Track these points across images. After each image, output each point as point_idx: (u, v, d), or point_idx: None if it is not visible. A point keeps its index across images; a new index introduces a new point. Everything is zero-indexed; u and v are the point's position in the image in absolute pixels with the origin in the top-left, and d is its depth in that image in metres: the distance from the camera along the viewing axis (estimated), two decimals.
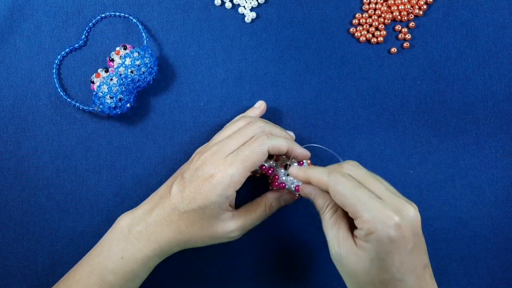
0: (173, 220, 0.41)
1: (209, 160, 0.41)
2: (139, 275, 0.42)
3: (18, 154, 0.51)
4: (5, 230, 0.50)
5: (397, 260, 0.33)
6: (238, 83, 0.52)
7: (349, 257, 0.35)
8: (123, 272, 0.41)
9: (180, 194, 0.41)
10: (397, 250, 0.33)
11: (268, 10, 0.53)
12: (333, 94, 0.52)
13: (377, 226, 0.33)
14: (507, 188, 0.50)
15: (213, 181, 0.40)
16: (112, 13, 0.53)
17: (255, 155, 0.40)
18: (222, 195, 0.40)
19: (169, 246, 0.42)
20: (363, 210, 0.34)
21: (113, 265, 0.41)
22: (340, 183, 0.36)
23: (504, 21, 0.53)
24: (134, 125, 0.51)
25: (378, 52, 0.52)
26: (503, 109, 0.51)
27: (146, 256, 0.41)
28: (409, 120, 0.51)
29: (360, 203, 0.34)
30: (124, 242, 0.42)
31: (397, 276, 0.34)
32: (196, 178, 0.41)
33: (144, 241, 0.41)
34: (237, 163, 0.40)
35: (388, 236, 0.33)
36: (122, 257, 0.41)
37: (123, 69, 0.48)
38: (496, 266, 0.49)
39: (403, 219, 0.33)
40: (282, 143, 0.42)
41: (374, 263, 0.34)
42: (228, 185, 0.40)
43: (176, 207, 0.41)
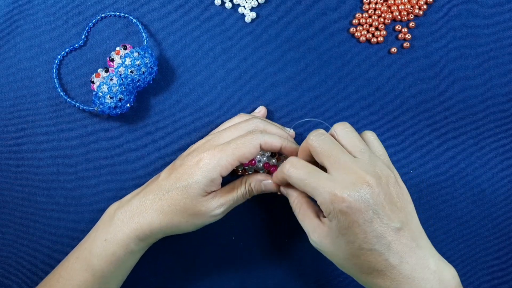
0: (156, 200, 0.42)
1: (200, 148, 0.42)
2: (122, 260, 0.42)
3: (18, 154, 0.51)
4: (5, 230, 0.50)
5: (358, 232, 0.34)
6: (238, 83, 0.52)
7: (323, 241, 0.37)
8: (105, 255, 0.41)
9: (166, 177, 0.42)
10: (355, 222, 0.34)
11: (268, 10, 0.53)
12: (333, 94, 0.52)
13: (329, 206, 0.35)
14: (507, 188, 0.50)
15: (201, 163, 0.40)
16: (112, 13, 0.53)
17: (247, 146, 0.41)
18: (207, 176, 0.40)
19: (149, 227, 0.41)
20: (316, 194, 0.36)
21: (96, 248, 0.42)
22: (291, 175, 0.38)
23: (504, 21, 0.53)
24: (134, 125, 0.51)
25: (378, 52, 0.52)
26: (503, 109, 0.51)
27: (127, 237, 0.41)
28: (409, 120, 0.51)
29: (313, 188, 0.37)
30: (108, 225, 0.42)
31: (365, 247, 0.35)
32: (184, 162, 0.41)
33: (126, 221, 0.42)
34: (227, 149, 0.40)
35: (341, 211, 0.35)
36: (105, 239, 0.42)
37: (123, 69, 0.48)
38: (496, 266, 0.49)
39: (350, 192, 0.34)
40: (275, 139, 0.42)
41: (341, 240, 0.35)
42: (214, 167, 0.40)
43: (161, 187, 0.42)
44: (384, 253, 0.34)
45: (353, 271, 0.37)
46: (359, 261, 0.35)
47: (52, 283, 0.43)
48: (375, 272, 0.35)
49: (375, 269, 0.35)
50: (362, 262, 0.35)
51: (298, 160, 0.39)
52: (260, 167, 0.46)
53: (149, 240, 0.43)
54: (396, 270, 0.34)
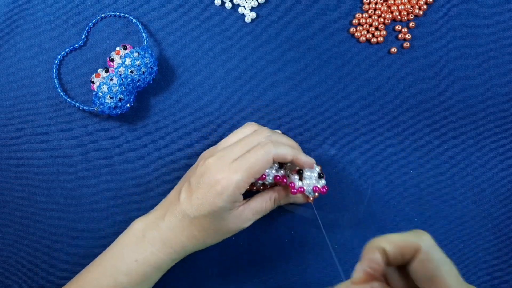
0: (185, 226, 0.42)
1: (213, 166, 0.41)
2: (151, 278, 0.43)
3: (18, 154, 0.51)
4: (5, 230, 0.50)
5: None
6: (238, 83, 0.52)
7: None
8: (136, 274, 0.42)
9: (188, 201, 0.42)
10: None
11: (268, 10, 0.53)
12: (333, 94, 0.52)
13: None
14: (507, 188, 0.50)
15: (218, 188, 0.40)
16: (112, 13, 0.53)
17: (260, 162, 0.41)
18: (229, 201, 0.41)
19: (183, 250, 0.43)
20: None
21: (126, 266, 0.42)
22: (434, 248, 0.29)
23: (504, 21, 0.53)
24: (134, 125, 0.51)
25: (378, 52, 0.52)
26: (503, 109, 0.51)
27: (160, 259, 0.42)
28: (409, 120, 0.51)
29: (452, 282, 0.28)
30: (137, 245, 0.42)
31: None
32: (202, 184, 0.41)
33: (158, 246, 0.42)
34: (242, 170, 0.40)
35: None
36: (136, 260, 0.42)
37: (123, 69, 0.48)
38: (496, 266, 0.49)
39: None
40: (287, 151, 0.42)
41: None
42: (233, 191, 0.40)
43: (186, 213, 0.42)
44: None
45: None
46: None
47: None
48: None
49: None
50: None
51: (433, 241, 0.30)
52: (270, 181, 0.45)
53: (181, 258, 0.44)
54: None
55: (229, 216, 0.42)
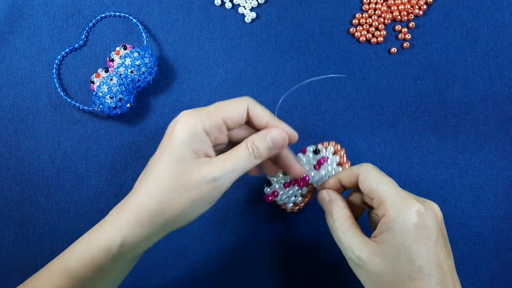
0: (142, 183, 0.35)
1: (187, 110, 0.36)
2: (105, 267, 0.35)
3: (18, 154, 0.51)
4: (5, 230, 0.50)
5: (422, 250, 0.32)
6: (238, 83, 0.52)
7: (372, 257, 0.34)
8: (85, 258, 0.35)
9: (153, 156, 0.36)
10: (421, 239, 0.33)
11: (268, 10, 0.53)
12: (333, 94, 0.52)
13: (401, 211, 0.33)
14: (507, 188, 0.50)
15: (178, 124, 0.35)
16: (112, 13, 0.53)
17: (232, 104, 0.36)
18: (188, 132, 0.34)
19: (138, 219, 0.34)
20: (389, 195, 0.34)
21: (77, 249, 0.36)
22: (370, 170, 0.37)
23: (504, 21, 0.53)
24: (134, 125, 0.51)
25: (378, 52, 0.52)
26: (503, 109, 0.51)
27: (110, 238, 0.34)
28: (409, 120, 0.51)
29: (387, 190, 0.35)
30: (99, 224, 0.36)
31: (424, 270, 0.32)
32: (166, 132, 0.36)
33: (113, 219, 0.35)
34: (209, 107, 0.36)
35: (412, 222, 0.33)
36: (88, 239, 0.36)
37: (123, 69, 0.48)
38: (496, 266, 0.49)
39: (426, 208, 0.34)
40: (264, 111, 0.37)
41: (400, 255, 0.33)
42: (195, 121, 0.34)
43: (148, 164, 0.36)
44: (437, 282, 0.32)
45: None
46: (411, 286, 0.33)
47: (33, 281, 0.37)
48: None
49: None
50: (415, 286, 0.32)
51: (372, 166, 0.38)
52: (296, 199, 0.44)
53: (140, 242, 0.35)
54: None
55: (191, 161, 0.34)
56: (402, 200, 0.34)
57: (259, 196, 0.49)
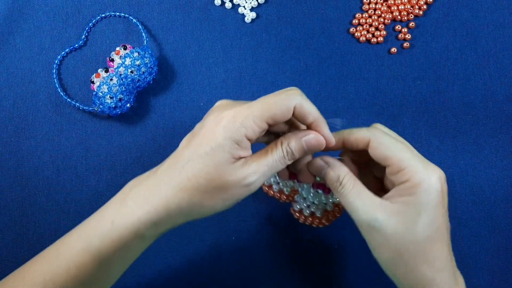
0: (175, 174, 0.34)
1: (223, 105, 0.35)
2: (129, 246, 0.35)
3: (18, 154, 0.51)
4: (5, 230, 0.50)
5: (440, 214, 0.33)
6: (238, 83, 0.52)
7: (390, 218, 0.33)
8: (110, 238, 0.35)
9: (186, 146, 0.35)
10: (441, 204, 0.33)
11: (268, 10, 0.53)
12: (333, 94, 0.52)
13: (425, 178, 0.33)
14: (507, 188, 0.50)
15: (222, 123, 0.33)
16: (112, 13, 0.53)
17: (278, 104, 0.34)
18: (231, 138, 0.33)
19: (166, 209, 0.34)
20: (409, 160, 0.33)
21: (101, 229, 0.35)
22: (382, 135, 0.35)
23: (504, 21, 0.53)
24: (134, 125, 0.51)
25: (378, 52, 0.52)
26: (503, 109, 0.51)
27: (138, 220, 0.34)
28: (409, 120, 0.51)
29: (407, 157, 0.34)
30: (120, 204, 0.36)
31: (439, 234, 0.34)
32: (205, 124, 0.35)
33: (139, 202, 0.35)
34: (253, 107, 0.34)
35: (435, 188, 0.33)
36: (112, 221, 0.35)
37: (123, 69, 0.48)
38: (496, 266, 0.49)
39: (442, 174, 0.34)
40: (312, 108, 0.35)
41: (422, 217, 0.33)
42: (239, 127, 0.33)
43: (179, 158, 0.35)
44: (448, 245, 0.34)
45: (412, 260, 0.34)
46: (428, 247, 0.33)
47: (51, 258, 0.37)
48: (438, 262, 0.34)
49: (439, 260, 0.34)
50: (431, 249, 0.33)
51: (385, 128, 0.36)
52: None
53: (165, 225, 0.35)
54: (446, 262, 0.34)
55: (227, 164, 0.34)
56: (425, 167, 0.33)
57: (260, 195, 0.49)
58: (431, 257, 0.33)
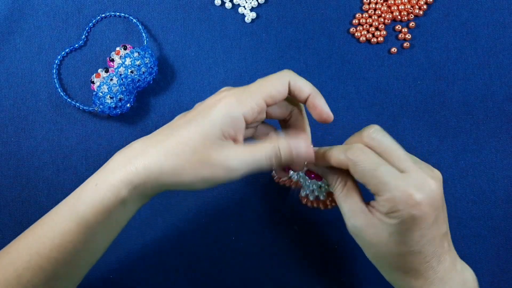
0: (162, 139, 0.34)
1: (224, 89, 0.36)
2: (111, 210, 0.35)
3: (18, 154, 0.51)
4: (5, 230, 0.50)
5: (417, 235, 0.33)
6: (238, 83, 0.52)
7: (367, 229, 0.35)
8: (93, 202, 0.34)
9: (181, 117, 0.36)
10: (418, 226, 0.33)
11: (268, 10, 0.53)
12: (333, 94, 0.52)
13: (399, 206, 0.33)
14: (507, 188, 0.50)
15: (220, 103, 0.34)
16: (112, 13, 0.53)
17: (274, 83, 0.35)
18: (226, 116, 0.34)
19: (147, 170, 0.34)
20: (384, 190, 0.34)
21: (86, 193, 0.35)
22: (358, 162, 0.35)
23: (504, 21, 0.53)
24: (134, 125, 0.51)
25: (378, 52, 0.53)
26: (503, 109, 0.51)
27: (119, 180, 0.34)
28: (409, 120, 0.51)
29: (381, 183, 0.34)
30: (105, 168, 0.35)
31: (415, 249, 0.34)
32: (204, 102, 0.36)
33: (122, 164, 0.35)
34: (251, 88, 0.35)
35: (410, 216, 0.33)
36: (96, 184, 0.35)
37: (123, 69, 0.48)
38: (496, 266, 0.49)
39: (424, 195, 0.33)
40: (306, 84, 0.37)
41: (393, 237, 0.34)
42: (236, 105, 0.34)
43: (171, 126, 0.35)
44: (428, 256, 0.34)
45: (387, 267, 0.37)
46: (401, 260, 0.35)
47: (37, 228, 0.36)
48: (413, 271, 0.35)
49: (414, 269, 0.35)
50: (405, 261, 0.35)
51: (366, 148, 0.36)
52: None
53: (145, 191, 0.35)
54: (433, 271, 0.35)
55: (217, 140, 0.34)
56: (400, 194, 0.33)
57: (260, 195, 0.49)
58: (406, 268, 0.35)
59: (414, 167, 0.34)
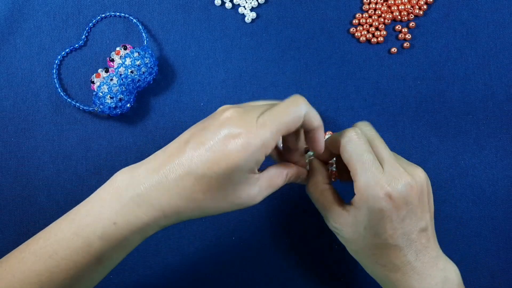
0: (186, 186, 0.33)
1: (236, 117, 0.34)
2: (132, 243, 0.36)
3: (18, 154, 0.51)
4: (5, 230, 0.50)
5: (388, 228, 0.35)
6: (238, 83, 0.52)
7: (345, 228, 0.37)
8: (114, 239, 0.35)
9: (197, 153, 0.33)
10: (388, 218, 0.35)
11: (268, 10, 0.53)
12: (333, 94, 0.52)
13: (368, 196, 0.35)
14: (507, 188, 0.50)
15: (241, 141, 0.33)
16: (112, 13, 0.53)
17: (291, 116, 0.34)
18: (252, 160, 0.33)
19: (176, 214, 0.35)
20: (361, 175, 0.36)
21: (102, 230, 0.34)
22: (351, 142, 0.37)
23: (504, 21, 0.53)
24: (134, 125, 0.51)
25: (378, 52, 0.53)
26: (503, 109, 0.51)
27: (145, 224, 0.35)
28: (409, 120, 0.51)
29: (361, 168, 0.36)
30: (119, 205, 0.35)
31: (390, 242, 0.35)
32: (219, 134, 0.33)
33: (145, 207, 0.34)
34: (270, 123, 0.33)
35: (378, 207, 0.35)
36: (115, 222, 0.34)
37: (123, 69, 0.48)
38: (496, 266, 0.49)
39: (394, 189, 0.34)
40: (317, 116, 0.36)
41: (367, 231, 0.36)
42: (260, 149, 0.33)
43: (191, 169, 0.33)
44: (404, 250, 0.36)
45: (366, 260, 0.38)
46: (378, 253, 0.36)
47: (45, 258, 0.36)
48: (390, 265, 0.36)
49: (391, 263, 0.36)
50: (381, 255, 0.36)
51: (358, 134, 0.37)
52: None
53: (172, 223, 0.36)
54: (410, 266, 0.36)
55: (244, 181, 0.34)
56: (372, 183, 0.35)
57: None
58: (383, 261, 0.37)
59: (393, 162, 0.36)
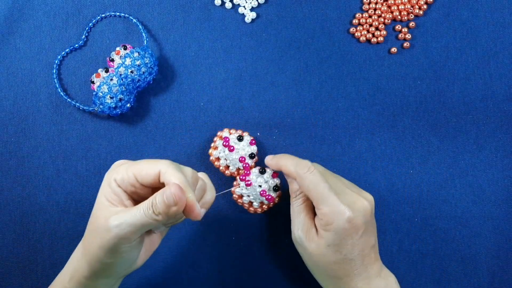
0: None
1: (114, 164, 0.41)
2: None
3: (18, 154, 0.51)
4: (5, 230, 0.50)
5: (349, 244, 0.40)
6: (238, 83, 0.52)
7: (310, 242, 0.41)
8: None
9: None
10: (349, 236, 0.39)
11: (268, 10, 0.53)
12: (333, 94, 0.52)
13: (333, 219, 0.39)
14: (507, 188, 0.50)
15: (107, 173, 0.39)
16: (112, 13, 0.53)
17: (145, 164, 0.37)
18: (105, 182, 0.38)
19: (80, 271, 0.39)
20: (323, 204, 0.40)
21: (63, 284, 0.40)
22: (306, 178, 0.41)
23: (504, 21, 0.53)
24: (134, 125, 0.51)
25: (378, 52, 0.52)
26: (503, 109, 0.51)
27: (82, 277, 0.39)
28: (409, 120, 0.51)
29: (321, 198, 0.40)
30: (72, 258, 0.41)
31: (348, 257, 0.40)
32: None
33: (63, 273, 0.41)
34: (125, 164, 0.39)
35: (342, 228, 0.39)
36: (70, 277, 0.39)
37: (123, 69, 0.48)
38: (496, 266, 0.49)
39: (354, 212, 0.39)
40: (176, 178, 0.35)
41: (330, 248, 0.40)
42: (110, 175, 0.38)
43: None
44: (358, 263, 0.40)
45: (324, 275, 0.42)
46: (336, 268, 0.40)
47: None
48: (346, 277, 0.40)
49: (346, 275, 0.40)
50: (339, 268, 0.40)
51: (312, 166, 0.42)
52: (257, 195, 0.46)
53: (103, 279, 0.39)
54: (361, 277, 0.40)
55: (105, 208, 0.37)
56: (335, 209, 0.39)
57: None
58: (340, 274, 0.41)
59: (347, 190, 0.41)
